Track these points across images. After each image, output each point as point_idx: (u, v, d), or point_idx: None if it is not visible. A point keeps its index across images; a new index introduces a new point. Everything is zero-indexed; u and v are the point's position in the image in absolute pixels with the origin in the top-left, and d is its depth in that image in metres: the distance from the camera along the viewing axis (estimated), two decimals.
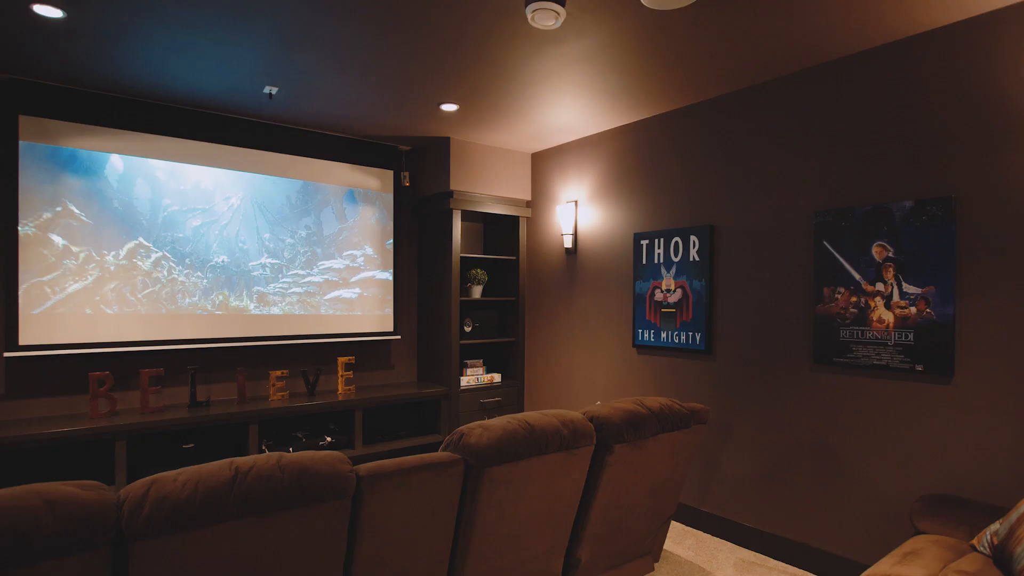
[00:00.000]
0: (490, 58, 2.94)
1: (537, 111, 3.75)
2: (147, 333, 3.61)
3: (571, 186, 4.47)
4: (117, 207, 3.51)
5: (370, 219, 4.53)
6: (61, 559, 1.30)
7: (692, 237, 3.53)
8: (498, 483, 2.01)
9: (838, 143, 2.90)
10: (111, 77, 3.23)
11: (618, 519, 2.54)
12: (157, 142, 3.64)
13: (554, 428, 2.15)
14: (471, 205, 4.49)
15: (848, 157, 2.86)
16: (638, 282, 3.86)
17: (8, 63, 3.05)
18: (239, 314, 3.94)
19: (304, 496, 1.60)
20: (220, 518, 1.49)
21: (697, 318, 3.49)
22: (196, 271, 3.77)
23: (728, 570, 2.98)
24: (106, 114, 3.49)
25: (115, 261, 3.51)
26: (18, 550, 1.24)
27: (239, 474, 1.55)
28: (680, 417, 2.58)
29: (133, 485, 1.47)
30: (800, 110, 3.04)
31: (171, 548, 1.43)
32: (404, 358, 4.86)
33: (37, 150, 3.28)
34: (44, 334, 3.31)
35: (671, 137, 3.71)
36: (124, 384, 3.62)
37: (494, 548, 2.11)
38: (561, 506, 2.27)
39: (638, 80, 3.20)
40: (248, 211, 3.97)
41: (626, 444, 2.36)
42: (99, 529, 1.34)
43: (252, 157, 3.99)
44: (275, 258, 4.08)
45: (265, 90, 3.38)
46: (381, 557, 1.82)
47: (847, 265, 2.83)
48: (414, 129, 4.20)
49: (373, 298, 4.54)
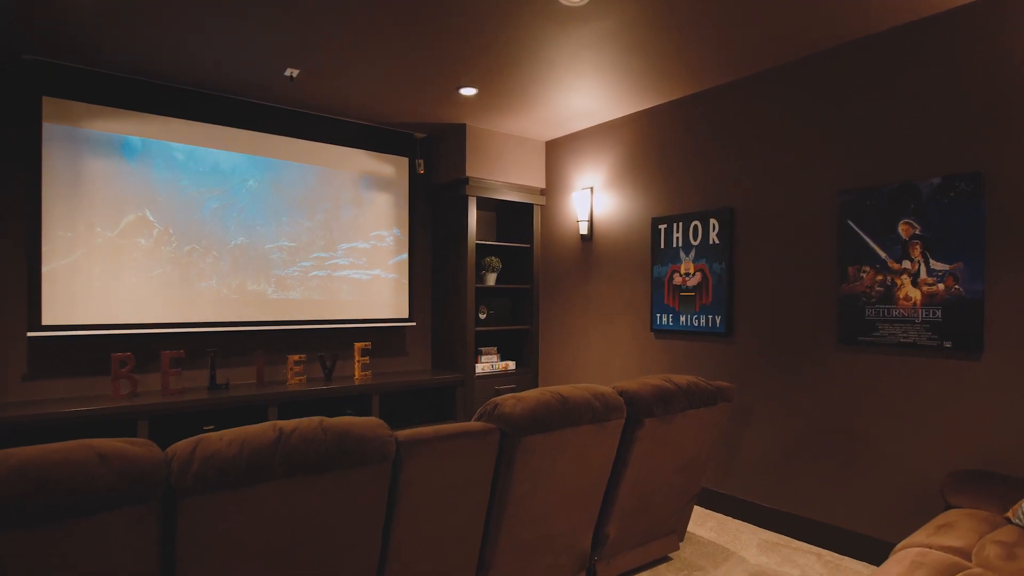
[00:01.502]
0: (512, 39, 2.93)
1: (555, 95, 3.75)
2: (167, 315, 3.62)
3: (587, 173, 4.46)
4: (138, 189, 3.51)
5: (385, 206, 4.53)
6: (114, 512, 1.30)
7: (712, 220, 3.53)
8: (532, 453, 2.01)
9: (863, 122, 2.89)
10: (133, 59, 3.23)
11: (646, 496, 2.53)
12: (177, 125, 3.65)
13: (586, 400, 2.15)
14: (486, 192, 4.49)
15: (873, 135, 2.85)
16: (656, 266, 3.85)
17: (33, 45, 3.05)
18: (257, 298, 3.94)
19: (346, 458, 1.60)
20: (265, 477, 1.49)
21: (717, 301, 3.48)
22: (215, 254, 3.78)
23: (752, 550, 2.98)
24: (127, 96, 3.50)
25: (136, 243, 3.51)
26: (74, 502, 1.25)
27: (283, 435, 1.55)
28: (707, 394, 2.58)
29: (179, 444, 1.47)
30: (824, 90, 3.04)
31: (218, 504, 1.43)
32: (418, 345, 4.86)
33: (60, 131, 3.28)
34: (66, 315, 3.31)
35: (689, 122, 3.70)
36: (144, 367, 3.62)
37: (527, 520, 2.11)
38: (591, 480, 2.27)
39: (660, 61, 3.20)
40: (266, 196, 3.97)
41: (656, 419, 2.35)
42: (150, 483, 1.34)
43: (270, 142, 3.99)
44: (293, 242, 4.08)
45: (286, 72, 3.38)
46: (419, 523, 1.83)
47: (872, 244, 2.82)
48: (431, 115, 4.20)
49: (388, 285, 4.54)
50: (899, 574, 1.76)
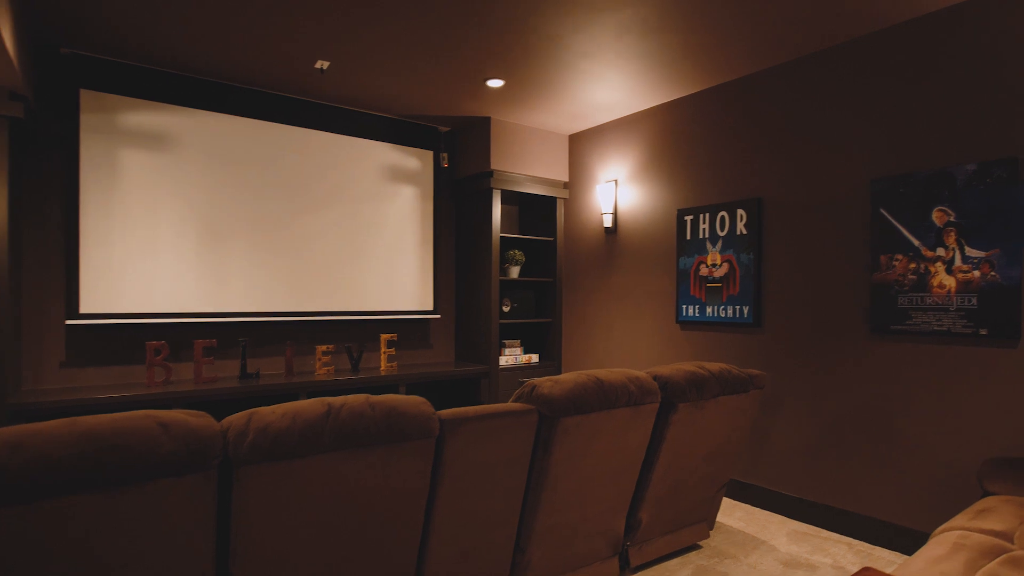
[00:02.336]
0: (541, 28, 2.95)
1: (580, 87, 3.76)
2: (200, 305, 3.68)
3: (611, 166, 4.47)
4: (172, 181, 3.58)
5: (410, 199, 4.57)
6: (175, 478, 1.33)
7: (739, 211, 3.52)
8: (569, 434, 2.02)
9: (896, 109, 2.87)
10: (167, 53, 3.30)
11: (678, 481, 2.54)
12: (210, 118, 3.71)
13: (622, 383, 2.16)
14: (510, 185, 4.51)
15: (906, 123, 2.83)
16: (682, 258, 3.85)
17: (71, 39, 3.12)
18: (287, 289, 3.99)
19: (392, 434, 1.63)
20: (315, 449, 1.52)
21: (745, 291, 3.47)
22: (246, 245, 3.83)
23: (782, 539, 2.97)
24: (161, 89, 3.56)
25: (170, 234, 3.58)
26: (139, 467, 1.28)
27: (332, 410, 1.58)
28: (739, 381, 2.58)
29: (234, 416, 1.51)
30: (855, 78, 3.02)
31: (271, 474, 1.46)
32: (442, 338, 4.90)
33: (97, 123, 3.36)
34: (103, 303, 3.38)
35: (715, 113, 3.70)
36: (177, 355, 3.69)
37: (563, 501, 2.13)
38: (625, 463, 2.28)
39: (687, 51, 3.20)
40: (295, 188, 4.02)
41: (690, 404, 2.36)
42: (209, 452, 1.38)
43: (299, 135, 4.05)
44: (321, 234, 4.13)
45: (317, 65, 3.43)
46: (460, 500, 1.85)
47: (905, 231, 2.80)
48: (456, 108, 4.23)
49: (413, 278, 4.58)
50: (941, 556, 1.75)
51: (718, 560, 2.72)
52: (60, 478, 1.21)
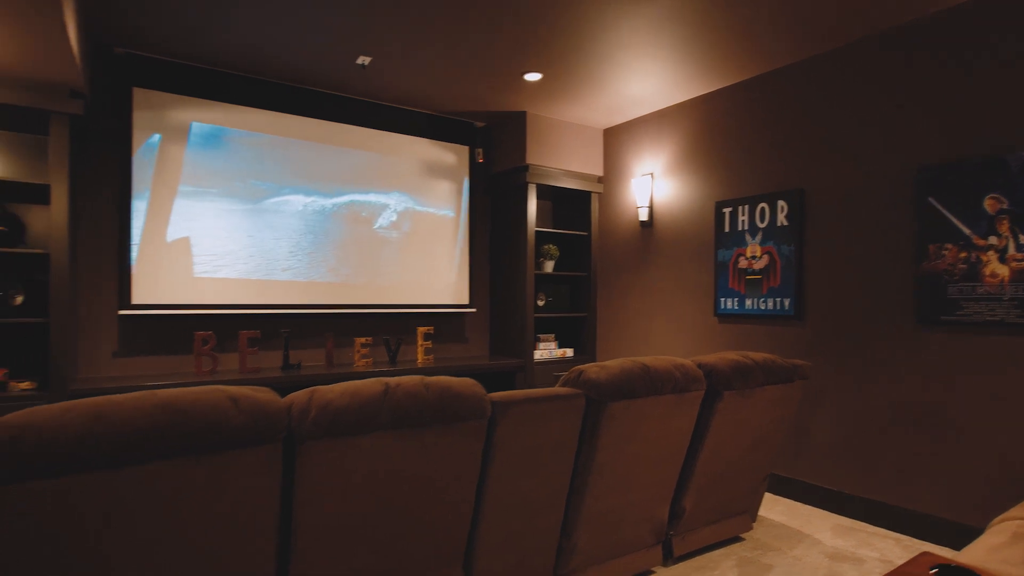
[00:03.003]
0: (579, 20, 2.96)
1: (617, 80, 3.76)
2: (244, 297, 3.78)
3: (646, 159, 4.46)
4: (218, 176, 3.68)
5: (446, 194, 4.62)
6: (244, 450, 1.38)
7: (780, 202, 3.48)
8: (616, 419, 2.03)
9: (944, 96, 2.81)
10: (215, 51, 3.40)
11: (721, 470, 2.53)
12: (254, 114, 3.81)
13: (668, 370, 2.16)
14: (546, 179, 4.53)
15: (956, 109, 2.77)
16: (720, 250, 3.82)
17: (125, 39, 3.24)
18: (327, 282, 4.08)
19: (446, 414, 1.66)
20: (373, 427, 1.56)
21: (786, 283, 3.43)
22: (288, 239, 3.92)
23: (826, 533, 2.93)
24: (208, 86, 3.67)
25: (216, 227, 3.68)
26: (212, 438, 1.34)
27: (389, 389, 1.62)
28: (784, 370, 2.56)
29: (296, 394, 1.56)
30: (902, 65, 2.97)
31: (331, 450, 1.51)
32: (477, 332, 4.94)
33: (148, 120, 3.47)
34: (153, 295, 3.50)
35: (755, 103, 3.66)
36: (223, 346, 3.79)
37: (609, 486, 2.14)
38: (670, 450, 2.28)
39: (727, 41, 3.18)
40: (335, 183, 4.10)
41: (735, 392, 2.35)
42: (275, 426, 1.43)
43: (339, 130, 4.13)
44: (359, 229, 4.20)
45: (358, 61, 3.50)
46: (509, 482, 1.87)
47: (955, 220, 2.74)
48: (493, 103, 4.27)
49: (449, 272, 4.62)
50: (1001, 544, 1.72)
51: (762, 552, 2.70)
52: (139, 446, 1.26)
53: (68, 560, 1.24)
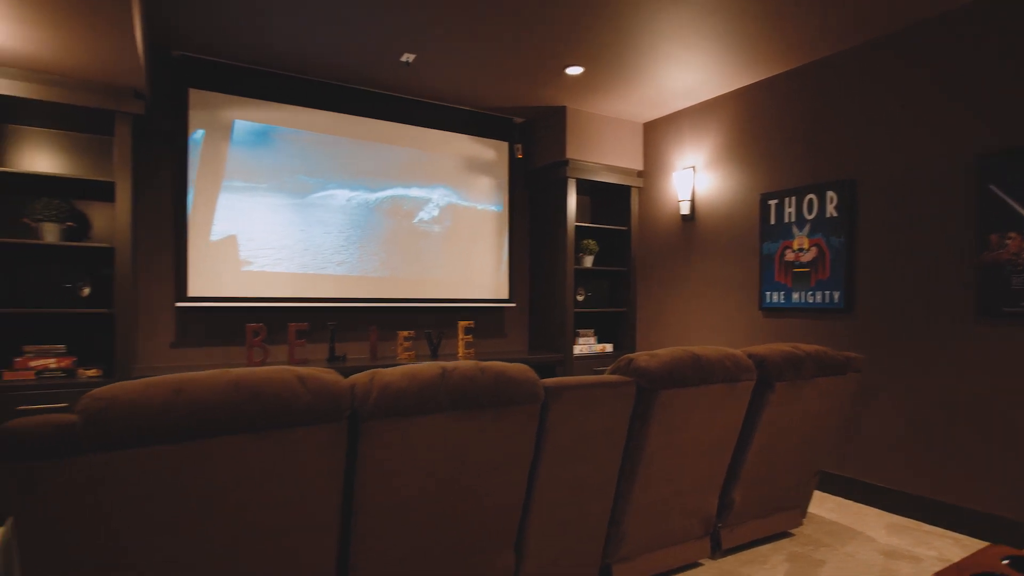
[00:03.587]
0: (622, 10, 2.95)
1: (659, 73, 3.73)
2: (292, 290, 3.89)
3: (687, 153, 4.41)
4: (268, 173, 3.80)
5: (486, 190, 4.66)
6: (311, 427, 1.43)
7: (829, 193, 3.40)
8: (666, 407, 2.03)
9: (1004, 80, 2.71)
10: (266, 52, 3.50)
11: (771, 463, 2.49)
12: (302, 113, 3.91)
13: (718, 359, 2.15)
14: (585, 174, 4.52)
15: (1017, 94, 2.67)
16: (766, 243, 3.76)
17: (182, 41, 3.37)
18: (371, 276, 4.16)
19: (501, 398, 1.69)
20: (431, 409, 1.59)
21: (835, 276, 3.36)
22: (336, 234, 4.02)
23: (879, 531, 2.86)
24: (259, 87, 3.78)
25: (265, 222, 3.79)
26: (281, 414, 1.39)
27: (446, 372, 1.65)
28: (837, 362, 2.51)
29: (357, 375, 1.60)
30: (958, 50, 2.87)
31: (392, 430, 1.55)
32: (516, 327, 4.96)
33: (203, 120, 3.60)
34: (208, 288, 3.63)
35: (802, 93, 3.59)
36: (272, 338, 3.90)
37: (658, 475, 2.13)
38: (720, 441, 2.26)
39: (773, 30, 3.12)
40: (379, 179, 4.18)
41: (786, 383, 2.31)
42: (340, 405, 1.48)
43: (382, 128, 4.21)
44: (402, 226, 4.27)
45: (402, 58, 3.56)
46: (560, 468, 1.89)
47: (1019, 208, 2.64)
48: (533, 98, 4.28)
49: (489, 267, 4.66)
50: None
51: (813, 548, 2.65)
52: (214, 420, 1.32)
53: (145, 526, 1.30)
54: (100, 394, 1.26)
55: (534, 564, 1.95)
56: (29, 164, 3.20)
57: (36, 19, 2.29)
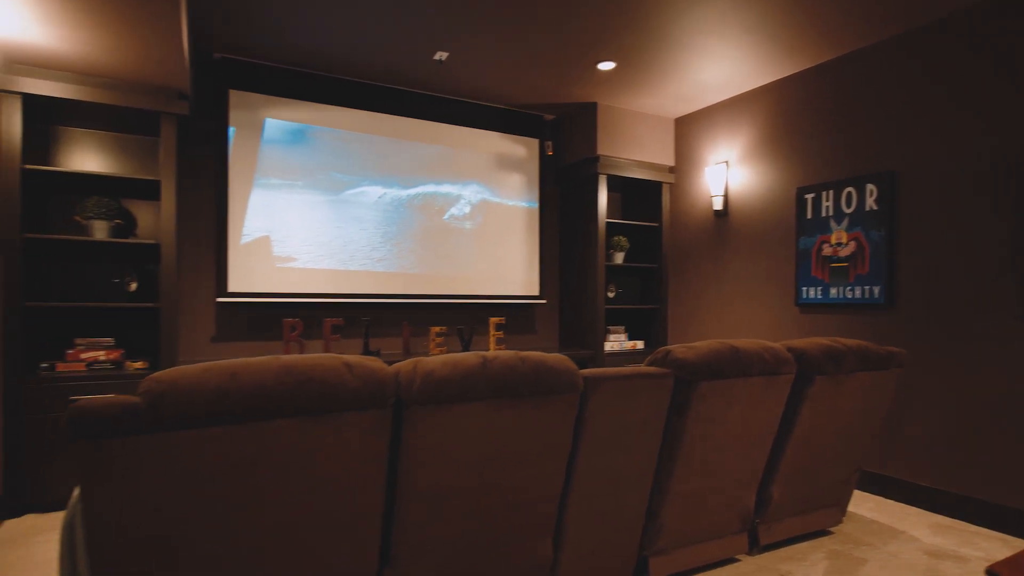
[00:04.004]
0: (656, 5, 2.94)
1: (691, 66, 3.71)
2: (327, 287, 3.96)
3: (720, 148, 4.37)
4: (301, 170, 3.88)
5: (517, 187, 4.68)
6: (359, 412, 1.47)
7: (868, 186, 3.34)
8: (705, 399, 2.02)
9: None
10: (303, 53, 3.58)
11: (811, 459, 2.46)
12: (338, 112, 3.99)
13: (757, 352, 2.13)
14: (616, 170, 4.51)
15: None
16: (802, 238, 3.70)
17: (223, 44, 3.46)
18: (404, 272, 4.22)
19: (541, 386, 1.70)
20: (473, 396, 1.62)
21: (875, 271, 3.29)
22: (368, 230, 4.08)
23: (923, 530, 2.79)
24: (296, 87, 3.87)
25: (301, 219, 3.88)
26: (329, 399, 1.43)
27: (487, 361, 1.68)
28: (879, 357, 2.46)
29: (401, 363, 1.64)
30: (1007, 37, 2.79)
31: (435, 416, 1.57)
32: (547, 324, 4.97)
33: (242, 120, 3.70)
34: (247, 284, 3.72)
35: (838, 86, 3.52)
36: (308, 333, 3.99)
37: (696, 467, 2.12)
38: (758, 434, 2.24)
39: (809, 22, 3.08)
40: (411, 175, 4.24)
41: (826, 377, 2.28)
42: (385, 391, 1.51)
43: (415, 126, 4.26)
44: (434, 223, 4.32)
45: (436, 56, 3.60)
46: (598, 458, 1.90)
47: None
48: (564, 95, 4.29)
49: (520, 264, 4.68)
50: None
51: (853, 546, 2.60)
52: (266, 404, 1.37)
53: (201, 504, 1.35)
54: (161, 377, 1.32)
55: (572, 554, 1.97)
56: (79, 164, 3.33)
57: (89, 23, 2.39)
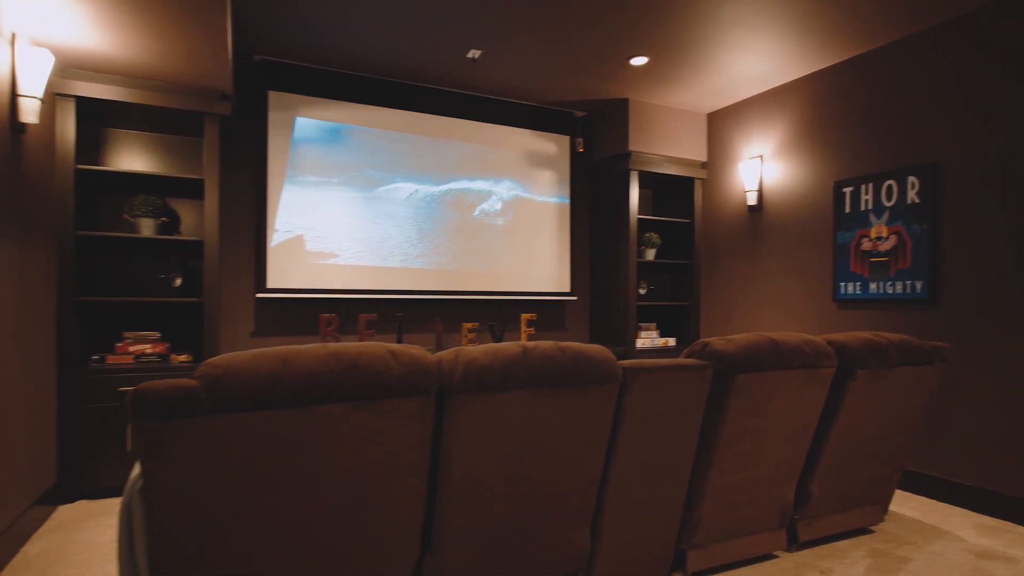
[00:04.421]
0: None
1: (725, 59, 3.67)
2: (361, 283, 4.03)
3: (754, 142, 4.31)
4: (337, 168, 3.96)
5: (548, 184, 4.69)
6: (404, 399, 1.50)
7: (910, 178, 3.26)
8: (744, 392, 2.00)
9: None
10: (339, 54, 3.65)
11: (852, 455, 2.42)
12: (373, 112, 4.06)
13: (797, 344, 2.11)
14: (648, 166, 4.49)
15: None
16: (840, 232, 3.63)
17: (263, 47, 3.55)
18: (436, 269, 4.27)
19: (582, 376, 1.71)
20: (514, 385, 1.64)
21: (917, 265, 3.21)
22: (401, 228, 4.14)
23: (968, 531, 2.72)
24: (332, 87, 3.95)
25: (336, 216, 3.95)
26: (376, 385, 1.46)
27: (527, 351, 1.69)
28: (922, 351, 2.41)
29: (443, 352, 1.67)
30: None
31: (477, 404, 1.60)
32: (577, 321, 4.97)
33: (281, 119, 3.79)
34: (284, 280, 3.81)
35: (876, 77, 3.45)
36: (343, 328, 4.06)
37: (734, 460, 2.11)
38: (798, 428, 2.22)
39: (846, 12, 3.02)
40: (443, 172, 4.29)
41: (868, 371, 2.24)
42: (429, 379, 1.54)
43: (448, 124, 4.31)
44: (466, 220, 4.36)
45: (469, 54, 3.64)
46: (637, 449, 1.90)
47: None
48: (595, 91, 4.29)
49: (551, 260, 4.70)
50: None
51: (895, 545, 2.55)
52: (316, 389, 1.41)
53: (253, 485, 1.40)
54: (217, 362, 1.37)
55: (609, 545, 1.97)
56: (126, 164, 3.45)
57: (141, 26, 2.48)
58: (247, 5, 3.03)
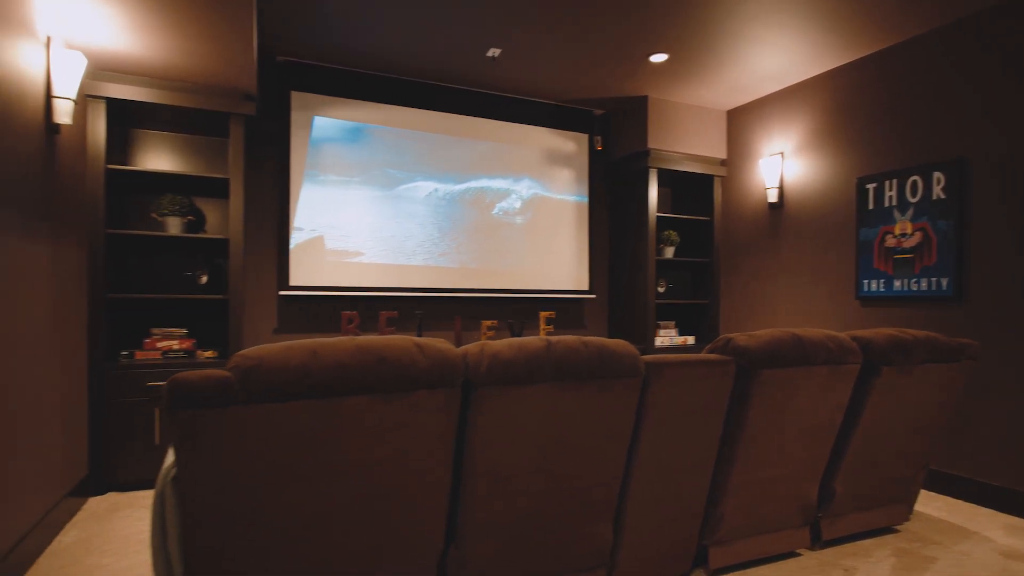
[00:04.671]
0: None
1: (746, 56, 3.65)
2: (381, 280, 4.07)
3: (775, 139, 4.28)
4: (359, 168, 4.00)
5: (566, 182, 4.70)
6: (430, 391, 1.53)
7: (936, 174, 3.22)
8: (767, 387, 2.00)
9: None
10: (360, 54, 3.69)
11: (876, 453, 2.40)
12: (393, 111, 4.10)
13: (820, 340, 2.09)
14: (667, 164, 4.48)
15: None
16: (863, 229, 3.59)
17: (285, 48, 3.61)
18: (455, 267, 4.30)
19: (605, 370, 1.72)
20: (538, 378, 1.65)
21: (943, 262, 3.17)
22: (422, 225, 4.18)
23: (996, 531, 2.68)
24: (353, 87, 4.00)
25: (356, 214, 4.00)
26: (402, 378, 1.49)
27: (551, 345, 1.71)
28: (949, 348, 2.38)
29: (468, 345, 1.69)
30: None
31: (502, 397, 1.62)
32: (595, 318, 4.97)
33: (302, 119, 3.85)
34: (307, 278, 3.87)
35: (900, 72, 3.40)
36: (364, 324, 4.11)
37: (757, 457, 2.10)
38: (822, 425, 2.20)
39: (869, 6, 2.99)
40: (463, 171, 4.31)
41: (893, 368, 2.22)
42: (454, 372, 1.56)
43: (467, 122, 4.34)
44: (485, 219, 4.39)
45: (488, 53, 3.66)
46: (659, 444, 1.90)
47: None
48: (614, 88, 4.29)
49: (569, 258, 4.70)
50: None
51: (921, 545, 2.52)
52: (344, 381, 1.43)
53: (283, 474, 1.43)
54: (249, 353, 1.40)
55: (632, 540, 1.98)
56: (153, 164, 3.53)
57: (171, 28, 2.54)
58: (271, 7, 3.08)
